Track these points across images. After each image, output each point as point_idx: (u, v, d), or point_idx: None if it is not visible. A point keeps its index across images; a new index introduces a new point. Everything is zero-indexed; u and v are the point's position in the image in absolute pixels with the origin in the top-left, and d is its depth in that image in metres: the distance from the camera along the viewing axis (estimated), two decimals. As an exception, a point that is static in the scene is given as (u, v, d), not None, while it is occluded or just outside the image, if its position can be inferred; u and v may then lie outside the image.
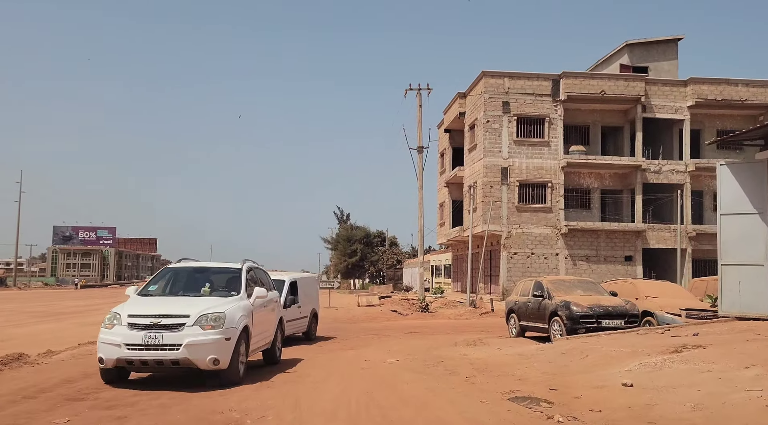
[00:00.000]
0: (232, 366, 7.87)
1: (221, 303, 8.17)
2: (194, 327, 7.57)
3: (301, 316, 15.29)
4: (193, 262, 9.96)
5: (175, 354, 7.43)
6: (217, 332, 7.67)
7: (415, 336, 17.31)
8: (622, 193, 32.16)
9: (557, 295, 14.03)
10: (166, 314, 7.68)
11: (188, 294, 8.77)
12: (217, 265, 9.84)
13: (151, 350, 7.45)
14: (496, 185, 30.38)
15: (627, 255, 30.95)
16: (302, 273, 17.43)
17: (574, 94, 30.35)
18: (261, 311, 9.23)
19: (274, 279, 14.06)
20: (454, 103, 35.19)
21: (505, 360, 10.56)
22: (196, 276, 9.36)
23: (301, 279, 15.85)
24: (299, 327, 15.22)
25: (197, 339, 7.52)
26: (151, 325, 7.55)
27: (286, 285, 14.55)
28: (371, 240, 67.02)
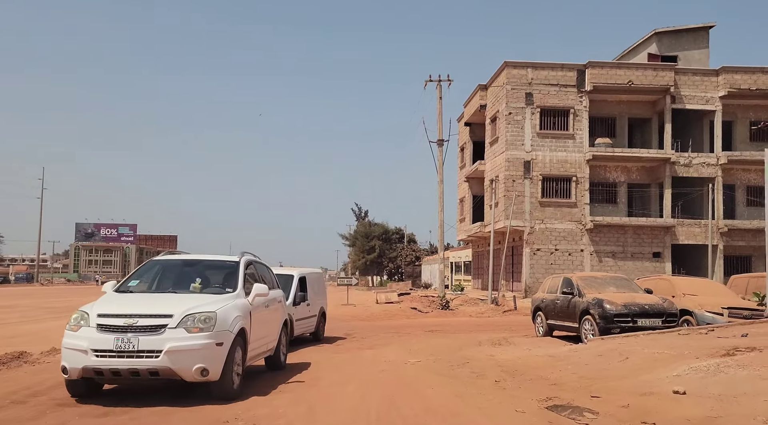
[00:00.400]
0: (225, 378, 6.59)
1: (213, 301, 6.93)
2: (178, 330, 6.32)
3: (310, 315, 14.18)
4: (183, 255, 8.89)
5: (154, 363, 6.16)
6: (206, 336, 6.40)
7: (437, 334, 16.59)
8: (650, 187, 31.00)
9: (588, 293, 13.19)
10: (143, 313, 6.41)
11: (175, 291, 7.51)
12: (211, 258, 8.58)
13: (125, 357, 6.15)
14: (518, 179, 29.45)
15: (655, 251, 29.83)
16: (310, 268, 15.86)
17: (600, 84, 29.27)
18: (262, 311, 8.05)
19: (282, 274, 13.13)
20: (475, 95, 34.29)
21: (535, 362, 9.79)
22: (186, 271, 8.13)
23: (310, 274, 14.71)
24: (308, 327, 14.12)
25: (181, 345, 6.23)
26: (125, 327, 6.26)
27: (295, 281, 13.39)
28: (390, 237, 66.32)
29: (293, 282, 13.31)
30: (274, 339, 8.87)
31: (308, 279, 14.18)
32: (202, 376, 6.33)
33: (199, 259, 8.53)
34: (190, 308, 6.56)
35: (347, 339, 15.44)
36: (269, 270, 9.61)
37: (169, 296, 7.25)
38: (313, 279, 14.84)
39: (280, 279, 12.39)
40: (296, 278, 13.52)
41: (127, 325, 6.28)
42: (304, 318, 13.57)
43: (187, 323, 6.40)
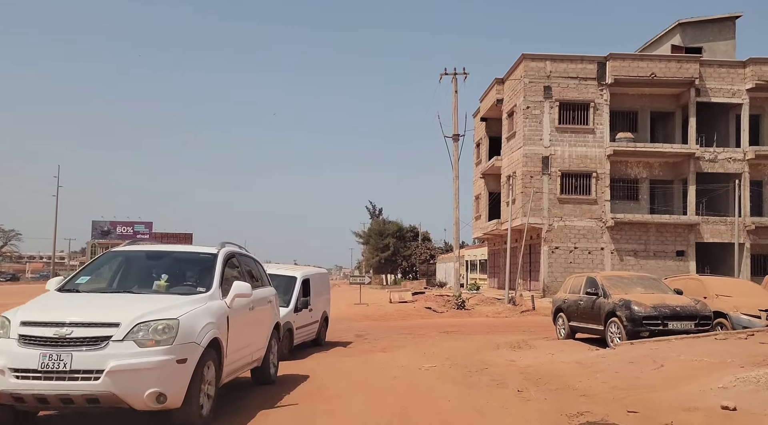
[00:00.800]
0: (189, 403, 5.09)
1: (177, 304, 5.41)
2: (126, 343, 4.83)
3: (312, 321, 12.98)
4: (149, 245, 7.28)
5: (92, 387, 4.68)
6: (163, 350, 4.90)
7: (452, 336, 15.91)
8: (673, 183, 29.94)
9: (614, 293, 12.40)
10: (80, 321, 4.89)
11: (132, 291, 5.99)
12: (182, 250, 7.07)
13: (53, 380, 4.69)
14: (536, 175, 28.58)
15: (679, 249, 28.80)
16: (314, 268, 14.56)
17: (622, 77, 28.28)
18: (244, 315, 6.59)
19: (283, 276, 12.06)
20: (491, 89, 33.44)
21: (561, 369, 9.05)
22: (150, 265, 6.60)
23: (313, 276, 13.38)
24: (309, 335, 12.90)
25: (129, 363, 4.75)
26: (56, 339, 4.79)
27: (297, 284, 12.11)
28: (404, 235, 65.59)
29: (295, 285, 12.10)
30: (262, 348, 7.48)
31: (312, 281, 13.03)
32: (157, 403, 4.84)
33: (167, 251, 7.02)
34: (144, 314, 5.05)
35: (359, 340, 14.81)
36: (258, 265, 8.20)
37: (122, 298, 5.73)
38: (318, 280, 13.69)
39: (280, 281, 11.44)
40: (299, 281, 12.29)
41: (58, 337, 4.79)
42: (306, 326, 12.45)
43: (138, 334, 4.91)
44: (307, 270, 13.50)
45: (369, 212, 78.38)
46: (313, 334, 13.18)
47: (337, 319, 21.58)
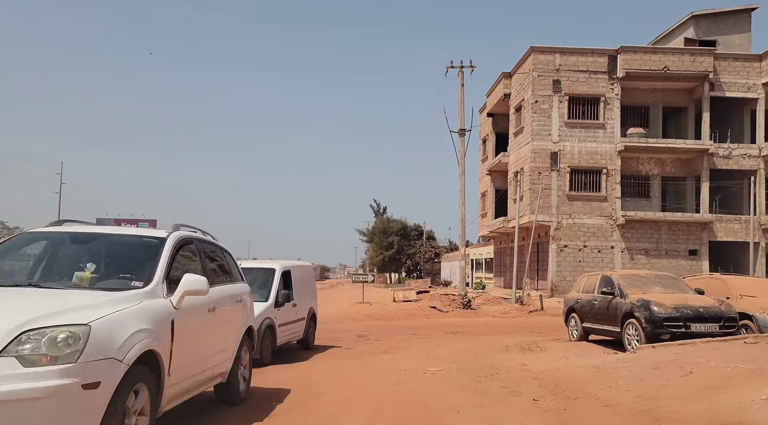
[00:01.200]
0: None
1: (93, 303, 3.94)
2: (4, 360, 3.36)
3: (297, 318, 11.65)
4: (80, 226, 5.51)
5: None
6: (62, 370, 3.39)
7: (459, 336, 15.20)
8: (686, 180, 29.11)
9: (632, 293, 11.66)
10: None
11: (41, 284, 4.44)
12: (121, 232, 5.43)
13: None
14: (544, 171, 27.80)
15: (691, 248, 27.97)
16: (295, 261, 13.23)
17: (633, 70, 27.45)
18: (200, 318, 5.13)
19: (260, 268, 11.02)
20: (499, 83, 32.66)
21: (578, 375, 8.32)
22: (76, 250, 5.08)
23: (295, 268, 12.08)
24: (294, 334, 11.54)
25: (5, 391, 3.26)
26: None
27: (276, 276, 10.87)
28: (408, 233, 64.82)
29: (274, 278, 10.82)
30: (227, 359, 5.88)
31: (294, 274, 11.69)
32: None
33: (101, 233, 5.27)
34: (37, 317, 3.53)
35: (360, 341, 14.12)
36: (227, 256, 6.63)
37: (19, 294, 4.17)
38: (300, 274, 12.28)
39: (256, 275, 10.58)
40: (278, 273, 10.98)
41: None
42: (290, 323, 11.18)
43: (25, 346, 3.40)
44: (288, 262, 12.05)
45: (373, 210, 77.67)
46: (299, 333, 11.87)
47: (339, 319, 20.92)
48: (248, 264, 11.41)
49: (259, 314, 9.04)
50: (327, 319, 20.67)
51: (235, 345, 6.15)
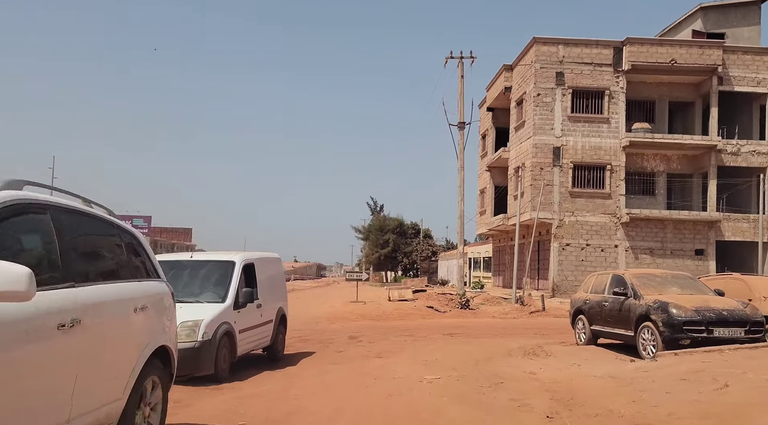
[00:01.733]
0: None
1: None
2: None
3: (263, 322, 9.62)
4: None
5: None
6: None
7: (457, 339, 14.24)
8: (692, 178, 28.17)
9: (647, 293, 10.69)
10: None
11: None
12: None
13: None
14: (546, 167, 26.83)
15: (698, 248, 27.04)
16: (262, 252, 10.95)
17: (640, 63, 26.48)
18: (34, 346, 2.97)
19: (215, 261, 9.23)
20: (499, 76, 31.66)
21: (594, 386, 7.34)
22: None
23: (260, 261, 10.02)
24: (259, 341, 9.59)
25: None
26: None
27: (236, 271, 8.89)
28: (405, 231, 63.84)
29: (233, 273, 8.85)
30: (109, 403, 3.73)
31: (258, 268, 9.67)
32: None
33: None
34: None
35: (351, 343, 13.12)
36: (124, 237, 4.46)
37: None
38: (267, 268, 10.26)
39: (211, 269, 9.07)
40: (238, 267, 8.98)
41: None
42: (254, 327, 9.21)
43: None
44: (252, 254, 10.05)
45: (370, 208, 76.64)
46: (265, 340, 9.85)
47: (331, 318, 19.96)
48: (201, 256, 9.88)
49: (213, 318, 7.85)
50: (318, 319, 19.72)
51: (127, 379, 3.94)
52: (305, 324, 18.14)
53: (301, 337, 14.05)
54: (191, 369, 7.32)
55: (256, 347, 9.54)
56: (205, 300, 8.31)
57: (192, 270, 8.94)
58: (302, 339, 13.60)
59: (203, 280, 8.79)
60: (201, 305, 8.14)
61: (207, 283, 8.70)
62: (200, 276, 8.86)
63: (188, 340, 7.32)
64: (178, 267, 8.93)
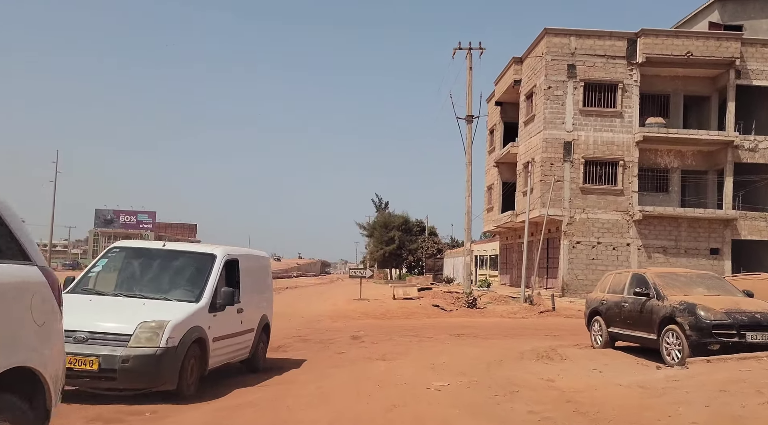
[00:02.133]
0: None
1: None
2: None
3: (244, 330, 8.18)
4: None
5: None
6: None
7: (465, 339, 13.53)
8: (708, 174, 27.29)
9: (671, 294, 9.92)
10: None
11: None
12: None
13: None
14: (557, 162, 26.01)
15: (713, 247, 26.19)
16: (248, 248, 9.64)
17: (654, 55, 25.61)
18: None
19: (191, 253, 7.89)
20: (509, 69, 30.84)
21: (622, 397, 6.60)
22: None
23: (246, 258, 8.60)
24: (238, 352, 8.15)
25: None
26: None
27: (216, 267, 7.50)
28: (410, 228, 63.07)
29: (212, 268, 7.46)
30: None
31: (243, 266, 8.28)
32: None
33: None
34: None
35: (354, 344, 12.42)
36: None
37: None
38: (252, 266, 8.84)
39: (185, 262, 7.62)
40: (219, 262, 7.59)
41: None
42: (232, 336, 7.77)
43: None
44: (236, 249, 8.58)
45: (375, 205, 75.91)
46: (244, 351, 8.35)
47: (333, 316, 19.30)
48: (176, 246, 8.31)
49: (182, 321, 6.43)
50: (320, 317, 19.08)
51: None
52: (307, 322, 17.48)
53: (301, 337, 13.37)
54: (149, 381, 6.08)
55: (231, 359, 8.03)
56: (174, 298, 6.97)
57: (163, 262, 7.59)
58: (302, 339, 12.93)
59: (175, 274, 7.46)
60: (169, 303, 6.82)
61: (179, 278, 7.40)
62: (172, 269, 7.52)
63: (148, 346, 6.05)
64: (147, 256, 7.75)
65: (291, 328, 15.45)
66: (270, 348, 11.47)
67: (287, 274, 78.09)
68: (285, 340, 12.66)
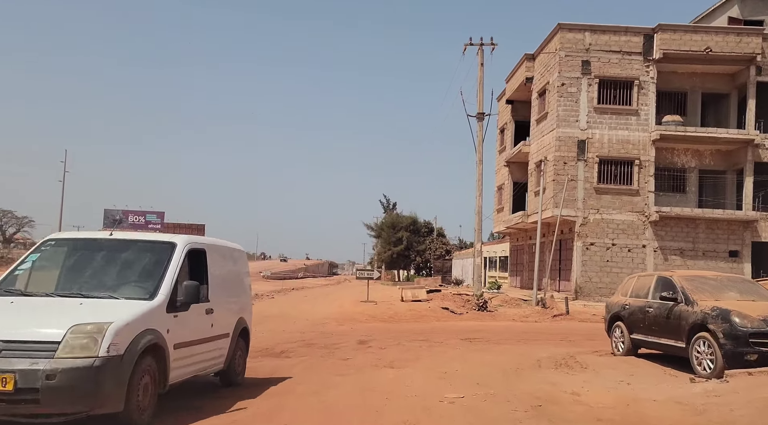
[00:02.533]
0: None
1: None
2: None
3: (215, 335, 6.79)
4: None
5: None
6: None
7: (477, 345, 12.87)
8: (726, 174, 26.43)
9: (701, 299, 9.22)
10: None
11: None
12: None
13: None
14: (570, 161, 25.27)
15: (732, 249, 25.35)
16: (219, 239, 7.81)
17: (672, 51, 24.82)
18: None
19: (148, 242, 6.44)
20: (520, 66, 30.11)
21: (658, 416, 5.93)
22: None
23: (214, 249, 7.12)
24: (209, 361, 6.74)
25: None
26: None
27: (176, 258, 6.11)
28: (418, 229, 62.39)
29: (171, 258, 6.07)
30: None
31: (212, 258, 6.84)
32: None
33: None
34: None
35: (360, 349, 11.78)
36: None
37: None
38: (224, 261, 7.37)
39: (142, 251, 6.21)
40: (179, 252, 6.18)
41: None
42: (201, 341, 6.40)
43: None
44: (203, 238, 7.36)
45: (383, 206, 75.30)
46: (218, 361, 6.97)
47: (340, 319, 18.70)
48: (127, 235, 6.85)
49: (129, 322, 5.08)
50: (326, 320, 18.49)
51: None
52: (312, 325, 16.90)
53: (305, 341, 12.76)
54: (85, 403, 4.69)
55: (201, 371, 6.58)
56: (122, 296, 5.58)
57: (110, 254, 6.17)
58: (306, 344, 12.31)
59: (125, 268, 6.05)
60: (114, 302, 5.43)
61: (129, 272, 5.99)
62: (121, 261, 6.10)
63: (83, 356, 4.69)
64: (90, 248, 6.29)
65: (295, 331, 14.87)
66: (271, 353, 10.91)
67: (293, 275, 77.52)
68: (288, 344, 12.07)
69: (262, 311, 21.68)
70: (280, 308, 22.77)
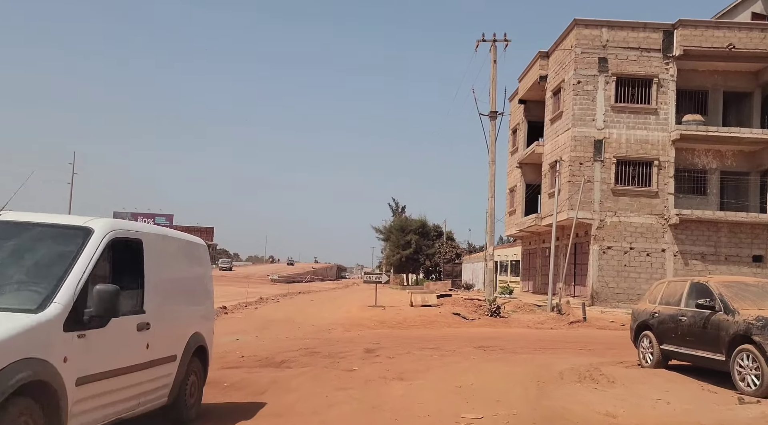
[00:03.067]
0: None
1: None
2: None
3: (156, 359, 4.99)
4: None
5: None
6: None
7: (492, 353, 12.03)
8: (749, 176, 25.44)
9: (742, 307, 8.38)
10: None
11: None
12: None
13: None
14: (586, 162, 24.38)
15: (756, 254, 24.33)
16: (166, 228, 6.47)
17: (693, 48, 23.90)
18: None
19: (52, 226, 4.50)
20: (534, 65, 29.27)
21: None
22: None
23: (157, 239, 5.26)
24: (146, 396, 4.91)
25: None
26: None
27: (88, 249, 4.24)
28: (427, 232, 61.54)
29: (82, 250, 4.23)
30: None
31: (152, 252, 5.02)
32: None
33: None
34: None
35: (367, 358, 10.97)
36: None
37: None
38: (173, 257, 5.61)
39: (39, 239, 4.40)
40: (97, 241, 4.34)
41: None
42: (128, 370, 4.59)
43: None
44: (139, 225, 5.40)
45: (391, 209, 74.58)
46: (159, 395, 5.17)
47: (347, 325, 17.90)
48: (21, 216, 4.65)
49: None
50: (332, 325, 17.70)
51: None
52: (317, 331, 16.11)
53: (309, 349, 11.97)
54: None
55: (128, 411, 4.67)
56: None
57: None
58: (309, 352, 11.52)
59: (9, 262, 4.24)
60: None
61: (15, 269, 4.16)
62: (7, 252, 4.29)
63: None
64: None
65: (298, 338, 14.09)
66: (271, 362, 10.12)
67: (300, 278, 76.80)
68: (290, 353, 11.29)
69: (267, 315, 20.97)
70: (286, 312, 22.01)
